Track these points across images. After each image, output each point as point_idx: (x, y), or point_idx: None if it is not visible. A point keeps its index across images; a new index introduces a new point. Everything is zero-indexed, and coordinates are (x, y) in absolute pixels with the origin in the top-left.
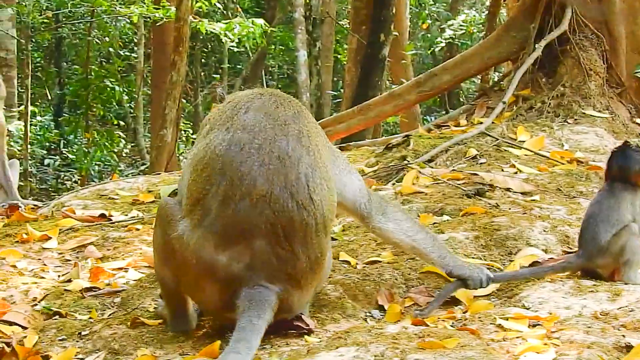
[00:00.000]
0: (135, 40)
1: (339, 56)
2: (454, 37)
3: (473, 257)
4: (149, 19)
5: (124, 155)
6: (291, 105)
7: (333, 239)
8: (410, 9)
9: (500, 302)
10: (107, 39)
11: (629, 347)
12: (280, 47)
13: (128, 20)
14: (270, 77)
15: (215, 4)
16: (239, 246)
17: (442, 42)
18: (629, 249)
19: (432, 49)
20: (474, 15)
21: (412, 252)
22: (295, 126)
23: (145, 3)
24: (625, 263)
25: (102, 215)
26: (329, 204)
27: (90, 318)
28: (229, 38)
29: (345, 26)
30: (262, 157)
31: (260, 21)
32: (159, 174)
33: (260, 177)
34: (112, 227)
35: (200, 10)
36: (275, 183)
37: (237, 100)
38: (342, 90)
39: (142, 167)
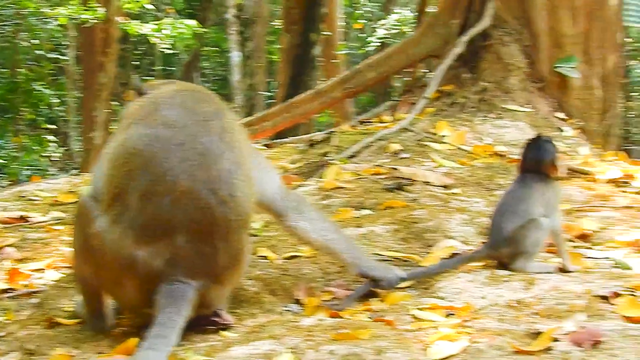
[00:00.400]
0: (66, 43)
1: (273, 57)
2: (387, 36)
3: (392, 250)
4: (76, 20)
5: (55, 159)
6: (212, 102)
7: (253, 235)
8: (344, 9)
9: (417, 294)
10: (35, 41)
11: (539, 334)
12: (214, 48)
13: (56, 22)
14: (204, 79)
15: (145, 6)
16: (159, 242)
17: (375, 41)
18: (530, 240)
19: (365, 48)
20: (407, 15)
21: (324, 252)
22: (217, 123)
23: (72, 4)
24: (523, 252)
25: (21, 217)
26: (250, 201)
27: (6, 319)
28: (159, 39)
29: (278, 26)
30: (184, 153)
31: (191, 22)
32: (81, 174)
33: (182, 173)
34: (31, 228)
35: (131, 11)
36: (197, 179)
37: (158, 96)
38: (275, 90)
39: (73, 171)
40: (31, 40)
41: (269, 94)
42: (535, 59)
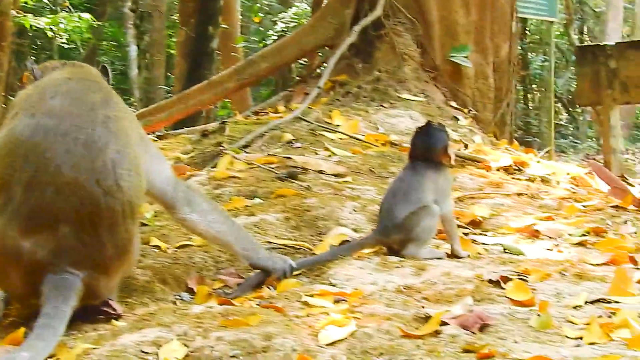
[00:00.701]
0: None
1: (171, 50)
2: (285, 29)
3: (284, 238)
4: None
5: None
6: (100, 90)
7: (144, 224)
8: (242, 2)
9: (308, 280)
10: None
11: (427, 318)
12: (112, 42)
13: None
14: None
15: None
16: (43, 233)
17: (274, 35)
18: (422, 226)
19: (265, 41)
20: (305, 8)
21: (215, 244)
22: (103, 112)
23: None
24: (414, 238)
25: None
26: (137, 191)
27: None
28: (55, 33)
29: (176, 20)
30: (67, 143)
31: (86, 15)
32: None
33: (65, 163)
34: None
35: (26, 5)
36: (81, 170)
37: (44, 84)
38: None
39: None
40: None
41: (168, 87)
42: (428, 48)
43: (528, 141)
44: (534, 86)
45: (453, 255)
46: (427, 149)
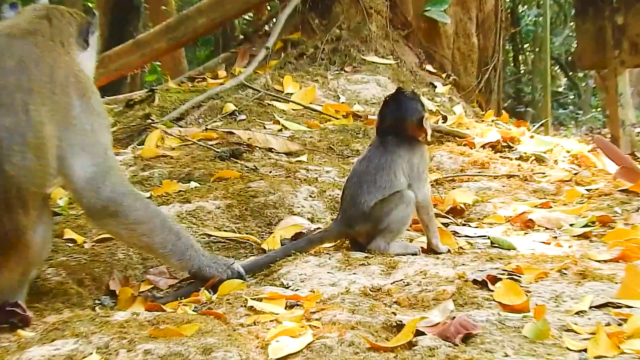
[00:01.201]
0: None
1: (89, 3)
2: None
3: (226, 230)
4: None
5: None
6: (16, 55)
7: (57, 213)
8: None
9: (255, 281)
10: None
11: (400, 326)
12: None
13: None
14: None
15: None
16: None
17: None
18: (393, 216)
19: None
20: None
21: (148, 254)
22: (12, 80)
23: None
24: (383, 230)
25: None
26: (35, 178)
27: None
28: None
29: None
30: None
31: None
32: None
33: None
34: None
35: None
36: None
37: None
38: None
39: None
40: None
41: None
42: (398, 1)
43: (519, 112)
44: (526, 46)
45: (430, 250)
46: (398, 122)
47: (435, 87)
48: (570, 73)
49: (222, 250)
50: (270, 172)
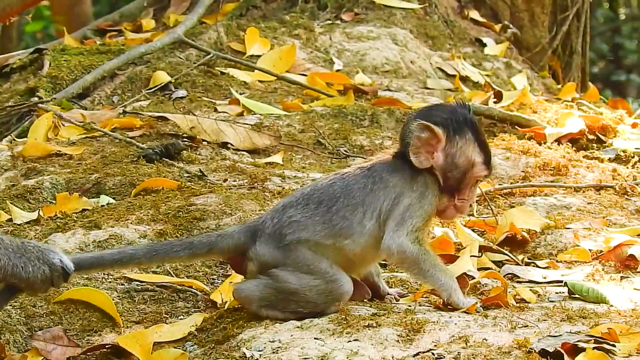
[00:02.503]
0: None
1: None
2: None
3: (156, 272)
4: None
5: None
6: None
7: None
8: None
9: (200, 351)
10: None
11: None
12: None
13: None
14: None
15: None
16: None
17: None
18: (306, 283)
19: None
20: None
21: None
22: None
23: None
24: (280, 285)
25: None
26: None
27: None
28: None
29: None
30: None
31: None
32: None
33: None
34: None
35: None
36: None
37: None
38: None
39: None
40: None
41: None
42: None
43: (617, 83)
44: None
45: (446, 304)
46: (401, 142)
47: (485, 45)
48: None
49: (150, 303)
50: (226, 180)
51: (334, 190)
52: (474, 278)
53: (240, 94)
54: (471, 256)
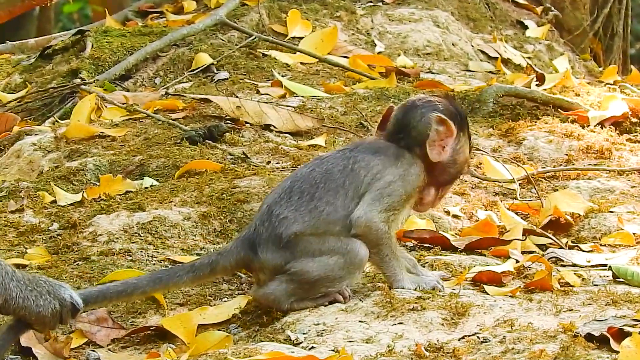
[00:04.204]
0: None
1: None
2: None
3: (199, 254)
4: None
5: None
6: None
7: None
8: None
9: (246, 334)
10: None
11: None
12: None
13: None
14: None
15: None
16: None
17: None
18: (318, 265)
19: None
20: None
21: None
22: None
23: None
24: (292, 275)
25: None
26: None
27: None
28: None
29: None
30: None
31: None
32: None
33: None
34: None
35: None
36: None
37: None
38: None
39: None
40: None
41: None
42: None
43: None
44: None
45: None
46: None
47: (527, 27)
48: None
49: (194, 286)
50: (269, 162)
51: (313, 177)
52: (518, 261)
53: (283, 76)
54: (515, 239)
